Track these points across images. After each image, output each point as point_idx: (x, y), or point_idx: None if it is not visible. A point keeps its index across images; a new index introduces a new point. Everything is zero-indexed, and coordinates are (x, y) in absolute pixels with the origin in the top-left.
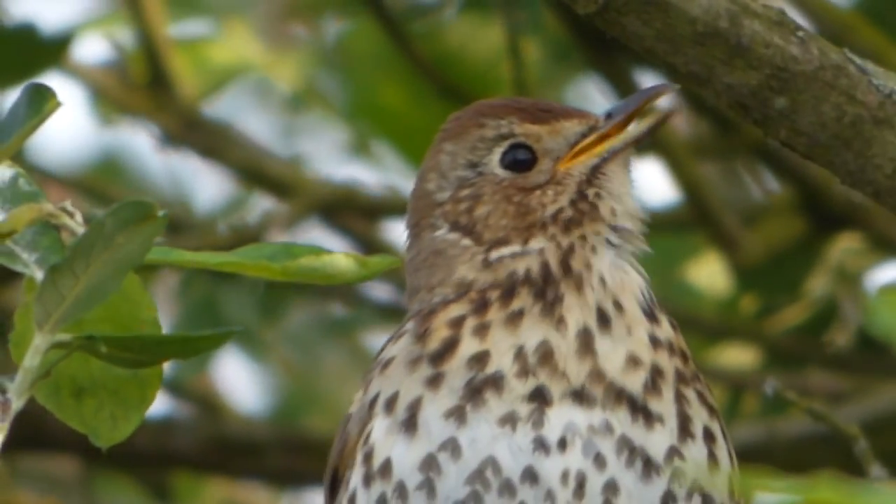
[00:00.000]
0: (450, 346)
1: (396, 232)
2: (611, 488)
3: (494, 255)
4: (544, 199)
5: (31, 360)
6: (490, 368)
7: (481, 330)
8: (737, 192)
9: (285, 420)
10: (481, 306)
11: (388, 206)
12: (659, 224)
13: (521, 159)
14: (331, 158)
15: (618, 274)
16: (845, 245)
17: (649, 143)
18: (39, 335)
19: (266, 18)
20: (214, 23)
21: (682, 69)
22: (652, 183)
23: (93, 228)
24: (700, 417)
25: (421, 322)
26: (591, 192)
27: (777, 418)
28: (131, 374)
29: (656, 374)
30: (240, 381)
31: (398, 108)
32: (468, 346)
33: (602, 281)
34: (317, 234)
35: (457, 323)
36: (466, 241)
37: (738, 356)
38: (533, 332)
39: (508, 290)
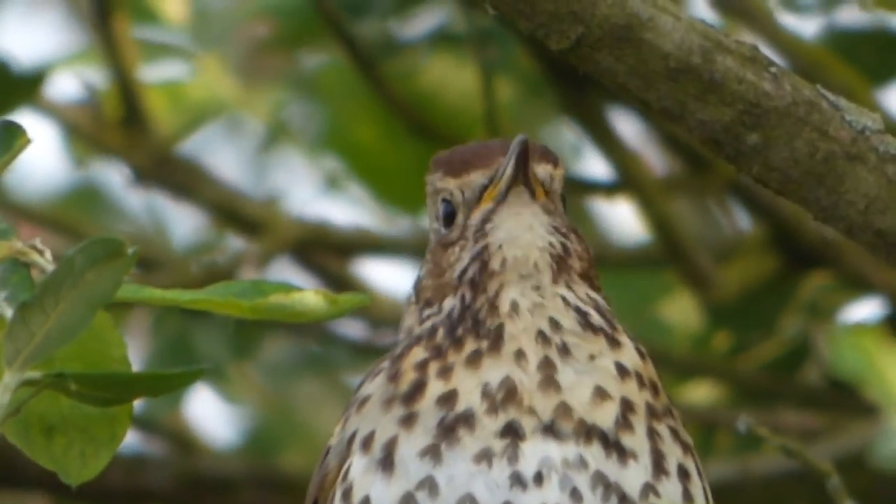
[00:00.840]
0: (418, 387)
1: (369, 269)
2: None
3: (425, 313)
4: (452, 257)
5: (0, 397)
6: (460, 407)
7: (445, 372)
8: (709, 230)
9: (259, 456)
10: (440, 351)
11: (360, 244)
12: (631, 262)
13: (448, 214)
14: (303, 195)
15: (530, 298)
16: (818, 282)
17: (621, 182)
18: (9, 373)
19: (240, 54)
20: (187, 60)
21: (654, 105)
22: (623, 221)
23: (62, 265)
24: (674, 454)
25: (392, 363)
26: (481, 244)
27: (750, 455)
28: (101, 411)
29: (627, 408)
30: (214, 416)
31: (371, 145)
32: (435, 387)
33: (516, 305)
34: (289, 273)
35: (422, 366)
36: (413, 299)
37: (709, 393)
38: (495, 370)
39: (452, 336)
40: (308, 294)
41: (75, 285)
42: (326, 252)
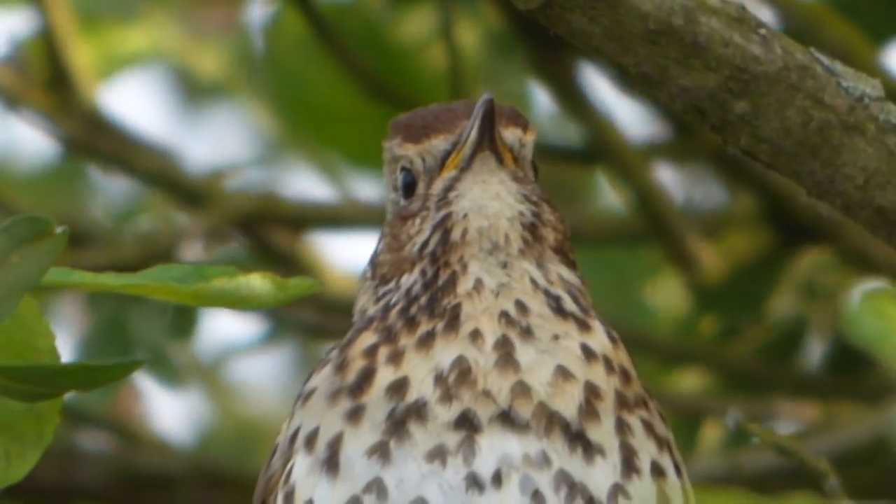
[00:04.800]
0: (366, 376)
1: (323, 244)
2: None
3: (381, 291)
4: (412, 230)
5: None
6: (411, 396)
7: (396, 357)
8: (694, 203)
9: (203, 451)
10: (391, 333)
11: (313, 217)
12: (610, 238)
13: (408, 183)
14: (250, 158)
15: (496, 277)
16: (814, 260)
17: (599, 150)
18: None
19: (184, 4)
20: (128, 9)
21: (632, 70)
22: (603, 192)
23: None
24: (647, 450)
25: (340, 352)
26: (443, 213)
27: (740, 450)
28: (27, 408)
29: (592, 393)
30: (159, 405)
31: (327, 101)
32: (384, 374)
33: (480, 283)
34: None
35: (371, 352)
36: (369, 274)
37: (697, 382)
38: (447, 351)
39: (406, 316)
40: (254, 278)
41: None
42: (275, 227)
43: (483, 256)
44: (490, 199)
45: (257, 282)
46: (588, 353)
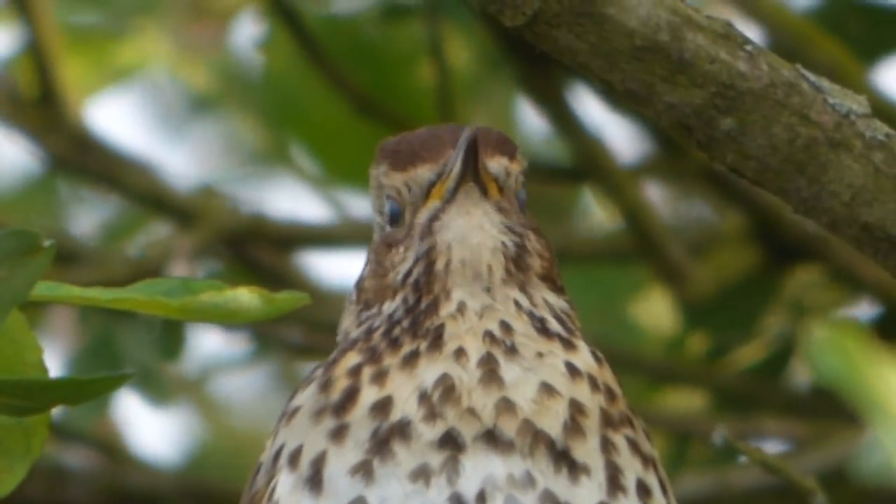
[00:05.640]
0: (350, 395)
1: (313, 262)
2: None
3: (363, 315)
4: (396, 258)
5: None
6: (395, 415)
7: (380, 377)
8: (683, 220)
9: (193, 469)
10: (375, 353)
11: (300, 236)
12: (598, 256)
13: (394, 212)
14: (240, 173)
15: (479, 300)
16: (804, 278)
17: (587, 168)
18: None
19: (174, 20)
20: (118, 22)
21: (619, 87)
22: (590, 209)
23: None
24: (632, 468)
25: (325, 371)
26: (427, 244)
27: (728, 468)
28: (15, 422)
29: (576, 410)
30: (151, 427)
31: (319, 116)
32: (368, 394)
33: (463, 306)
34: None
35: (355, 371)
36: (353, 298)
37: (685, 401)
38: (431, 370)
39: (389, 338)
40: (242, 292)
41: None
42: (264, 245)
43: (467, 284)
44: (473, 230)
45: (245, 296)
46: (573, 371)
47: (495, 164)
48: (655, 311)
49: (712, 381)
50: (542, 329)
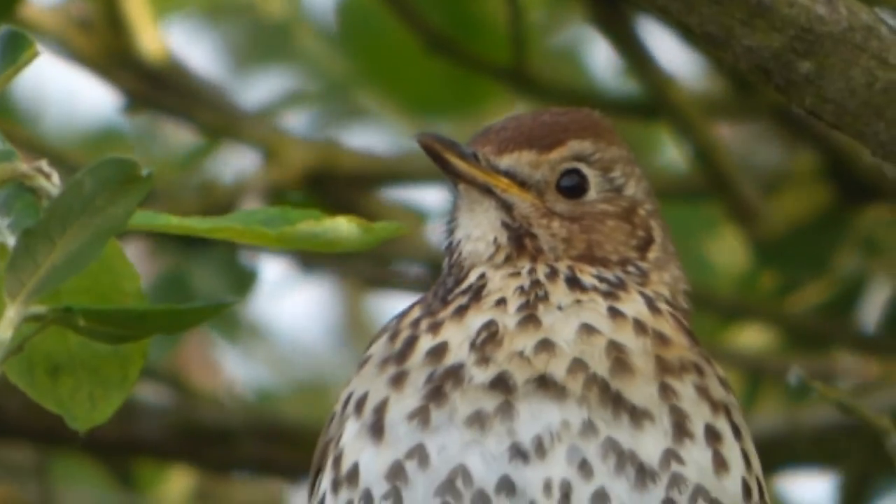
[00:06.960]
0: (410, 343)
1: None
2: (601, 498)
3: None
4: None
5: (2, 333)
6: (448, 360)
7: (435, 327)
8: (756, 158)
9: (262, 405)
10: (430, 309)
11: (373, 170)
12: (670, 193)
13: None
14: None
15: (506, 270)
16: (875, 217)
17: (659, 105)
18: (12, 306)
19: None
20: None
21: (697, 30)
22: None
23: (70, 189)
24: (700, 414)
25: (397, 322)
26: (449, 240)
27: (800, 406)
28: (112, 350)
29: (618, 350)
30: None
31: (397, 46)
32: (424, 341)
33: (493, 275)
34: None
35: (415, 323)
36: None
37: (756, 338)
38: (477, 318)
39: (439, 298)
40: (340, 221)
41: (84, 211)
42: (339, 181)
43: (483, 267)
44: (473, 229)
45: (343, 225)
46: (615, 314)
47: (509, 160)
48: (727, 249)
49: (783, 319)
50: (575, 282)
